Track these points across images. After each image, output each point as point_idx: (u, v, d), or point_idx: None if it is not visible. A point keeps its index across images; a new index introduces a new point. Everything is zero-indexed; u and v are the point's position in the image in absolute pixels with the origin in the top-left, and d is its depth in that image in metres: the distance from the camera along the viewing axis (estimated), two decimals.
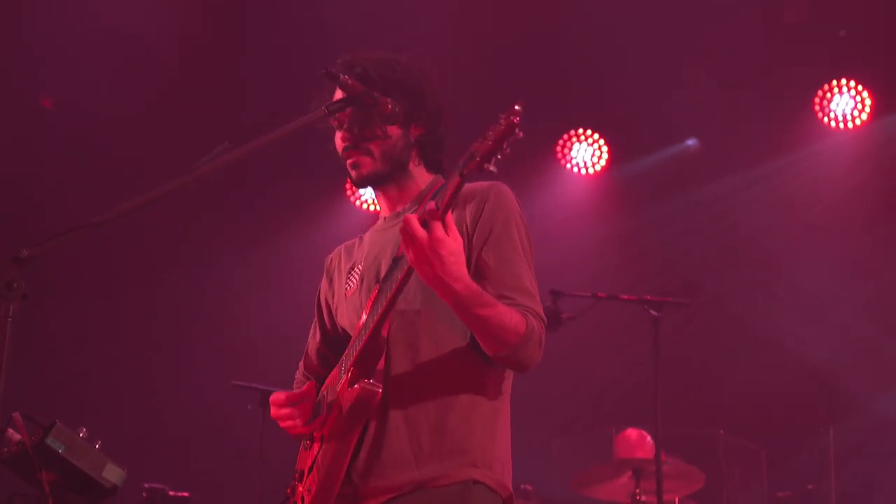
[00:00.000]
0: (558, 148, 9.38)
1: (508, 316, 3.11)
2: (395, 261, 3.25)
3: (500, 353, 3.15)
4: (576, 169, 9.38)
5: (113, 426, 5.89)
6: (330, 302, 3.59)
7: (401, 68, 3.42)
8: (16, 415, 3.99)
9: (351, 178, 3.46)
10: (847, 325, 8.34)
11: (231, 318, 9.01)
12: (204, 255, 9.11)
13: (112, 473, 4.13)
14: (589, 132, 9.34)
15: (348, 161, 3.43)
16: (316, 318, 3.67)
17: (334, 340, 3.56)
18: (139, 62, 8.45)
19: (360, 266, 3.46)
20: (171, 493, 7.22)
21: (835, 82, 8.69)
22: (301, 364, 3.72)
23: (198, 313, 9.10)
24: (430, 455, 3.19)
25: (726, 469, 8.31)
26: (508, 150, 2.87)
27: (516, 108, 2.85)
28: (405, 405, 3.21)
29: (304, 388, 3.39)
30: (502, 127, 2.86)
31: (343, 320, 3.48)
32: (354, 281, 3.45)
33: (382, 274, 3.32)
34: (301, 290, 3.75)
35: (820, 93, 8.74)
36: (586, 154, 9.36)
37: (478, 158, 2.88)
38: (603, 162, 9.36)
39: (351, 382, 3.19)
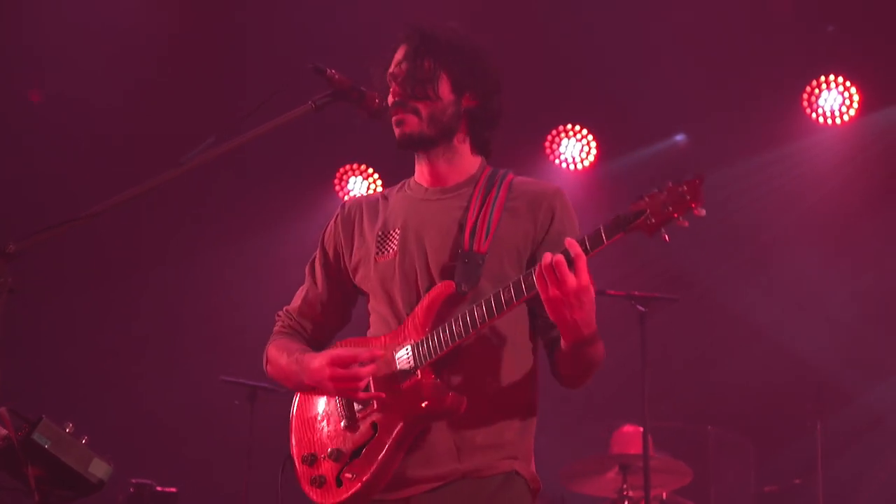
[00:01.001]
0: (547, 143, 9.38)
1: (601, 350, 3.18)
2: (465, 255, 3.20)
3: (578, 384, 3.27)
4: (564, 164, 9.37)
5: (100, 421, 5.88)
6: (343, 252, 3.50)
7: (465, 38, 3.40)
8: (2, 410, 3.97)
9: (395, 136, 3.38)
10: (835, 319, 8.35)
11: (219, 313, 9.00)
12: (192, 250, 9.09)
13: (99, 468, 4.12)
14: (577, 128, 9.34)
15: (394, 118, 3.37)
16: (319, 263, 3.57)
17: (338, 290, 3.51)
18: (130, 55, 8.43)
19: (395, 232, 3.37)
20: (159, 488, 7.22)
21: (823, 78, 8.69)
22: (294, 309, 3.60)
23: (185, 308, 9.10)
24: (473, 449, 3.20)
25: (714, 464, 8.33)
26: (683, 223, 2.88)
27: (698, 182, 2.84)
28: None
29: (375, 350, 3.23)
30: (687, 199, 2.86)
31: (367, 283, 3.41)
32: (392, 249, 3.35)
33: (429, 254, 3.26)
34: (289, 286, 3.72)
35: (808, 88, 8.74)
36: (575, 149, 9.35)
37: (652, 221, 2.90)
38: (591, 157, 9.36)
39: (426, 383, 3.15)
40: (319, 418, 3.38)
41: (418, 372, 3.18)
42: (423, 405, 3.15)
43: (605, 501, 7.67)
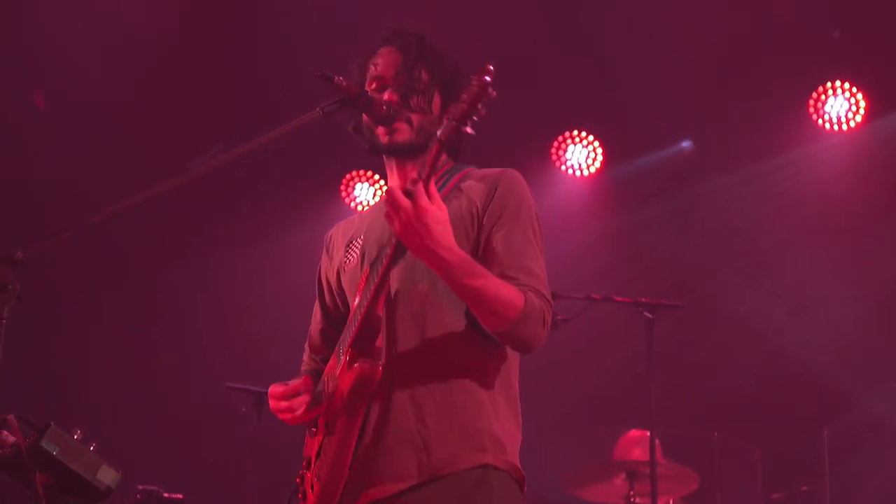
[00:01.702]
0: (553, 150, 9.38)
1: (505, 289, 3.10)
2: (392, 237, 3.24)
3: (498, 329, 3.12)
4: (570, 171, 9.37)
5: (108, 428, 5.88)
6: (331, 279, 3.56)
7: (445, 49, 3.47)
8: (10, 417, 3.98)
9: (380, 143, 3.43)
10: (840, 325, 8.34)
11: (226, 319, 9.00)
12: (198, 257, 9.10)
13: (106, 475, 4.12)
14: (584, 134, 9.34)
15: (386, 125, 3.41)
16: (317, 299, 3.64)
17: (337, 318, 3.55)
18: (136, 57, 8.42)
19: (359, 239, 3.45)
20: (166, 494, 7.19)
21: (829, 84, 8.69)
22: (307, 346, 3.70)
23: (193, 315, 9.09)
24: (437, 435, 3.16)
25: (720, 470, 8.31)
26: (484, 111, 2.90)
27: (489, 67, 2.89)
28: (410, 385, 3.18)
29: (301, 380, 3.36)
30: (475, 87, 2.90)
31: (346, 294, 3.47)
32: (354, 255, 3.43)
33: (384, 248, 3.27)
34: (295, 292, 3.75)
35: (814, 94, 8.74)
36: (581, 156, 9.35)
37: (454, 122, 2.90)
38: (598, 164, 9.36)
39: (350, 364, 3.16)
40: (307, 428, 3.44)
41: (344, 355, 3.20)
42: (345, 382, 3.16)
43: None
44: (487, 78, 2.89)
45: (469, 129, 2.92)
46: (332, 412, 3.23)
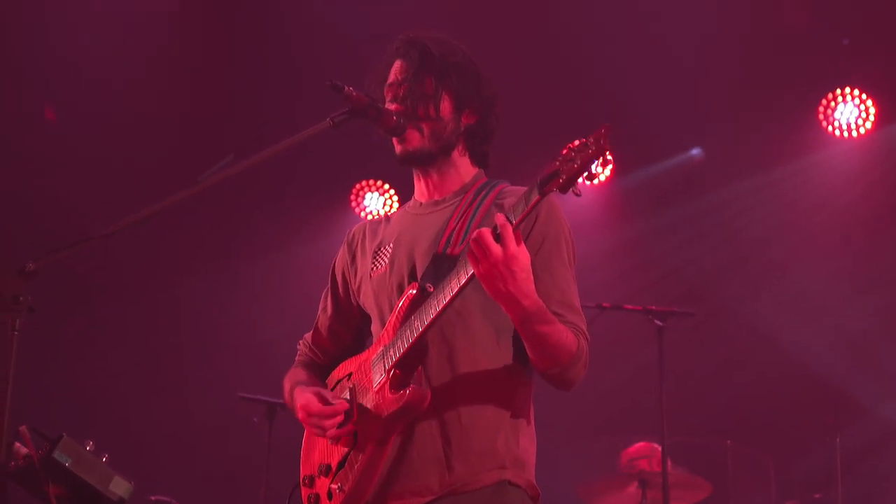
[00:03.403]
0: None
1: (565, 335, 3.12)
2: (437, 258, 3.23)
3: (549, 371, 3.16)
4: (581, 179, 9.35)
5: (120, 439, 5.89)
6: (350, 278, 3.55)
7: (461, 52, 3.44)
8: (23, 428, 3.98)
9: (395, 154, 3.43)
10: (852, 332, 8.32)
11: (238, 329, 9.01)
12: (209, 268, 9.11)
13: (119, 487, 4.12)
14: None
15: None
16: (329, 291, 3.63)
17: (347, 316, 3.56)
18: (143, 68, 8.45)
19: (388, 247, 3.42)
20: None
21: (839, 91, 8.68)
22: (308, 337, 3.69)
23: (204, 325, 9.10)
24: (459, 454, 3.17)
25: (734, 478, 8.29)
26: (595, 175, 2.85)
27: (603, 131, 2.82)
28: (439, 406, 3.19)
29: (339, 405, 3.32)
30: (591, 151, 2.84)
31: (366, 301, 3.45)
32: (383, 263, 3.41)
33: (417, 263, 3.29)
34: (307, 302, 3.75)
35: (824, 101, 8.73)
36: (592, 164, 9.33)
37: (562, 180, 2.86)
38: (608, 172, 9.34)
39: (395, 385, 3.16)
40: (316, 440, 3.43)
41: (387, 373, 3.19)
42: (388, 403, 3.16)
43: None
44: (606, 144, 2.82)
45: (577, 193, 2.89)
46: (364, 426, 3.24)
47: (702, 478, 7.32)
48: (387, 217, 3.60)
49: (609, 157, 2.84)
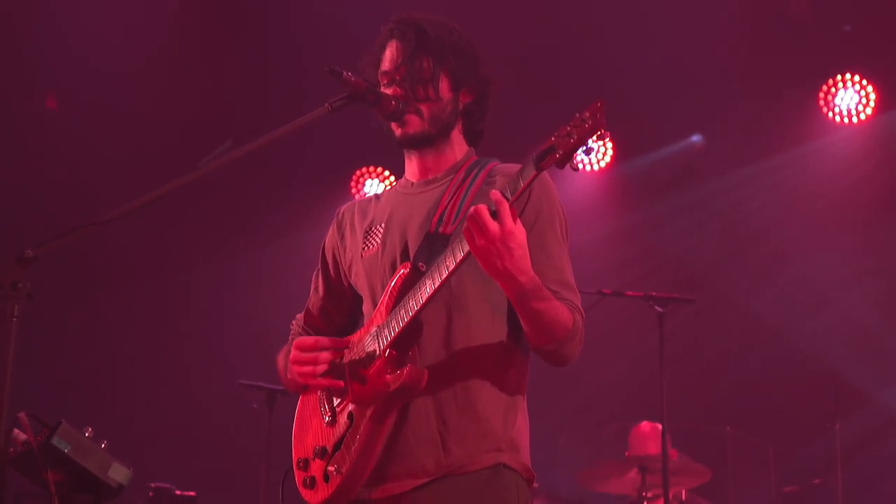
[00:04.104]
0: None
1: (561, 311, 3.11)
2: (430, 237, 3.21)
3: (545, 347, 3.14)
4: (580, 166, 9.33)
5: (119, 425, 5.89)
6: (340, 257, 3.54)
7: (457, 33, 3.42)
8: (21, 414, 3.99)
9: (395, 138, 3.41)
10: (852, 318, 8.33)
11: (237, 316, 9.01)
12: (210, 254, 9.11)
13: (118, 473, 4.13)
14: None
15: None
16: (320, 272, 3.62)
17: (339, 296, 3.55)
18: (145, 59, 8.44)
19: (379, 227, 3.41)
20: (178, 492, 7.21)
21: (839, 77, 8.68)
22: (300, 317, 3.67)
23: (204, 312, 9.11)
24: (455, 436, 3.16)
25: (733, 464, 8.31)
26: (591, 149, 2.83)
27: (599, 105, 2.80)
28: (434, 386, 3.17)
29: (329, 339, 3.32)
30: (588, 125, 2.82)
31: (358, 280, 3.44)
32: (375, 243, 3.39)
33: (409, 242, 3.27)
34: (306, 288, 3.73)
35: (825, 87, 8.73)
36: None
37: (558, 155, 2.84)
38: (608, 158, 9.34)
39: (391, 365, 3.15)
40: (309, 422, 3.42)
41: (382, 354, 3.18)
42: (385, 383, 3.14)
43: (625, 499, 7.68)
44: (603, 119, 2.80)
45: (574, 167, 2.86)
46: (359, 403, 3.22)
47: (701, 464, 7.33)
48: (376, 196, 3.59)
49: (605, 132, 2.81)
